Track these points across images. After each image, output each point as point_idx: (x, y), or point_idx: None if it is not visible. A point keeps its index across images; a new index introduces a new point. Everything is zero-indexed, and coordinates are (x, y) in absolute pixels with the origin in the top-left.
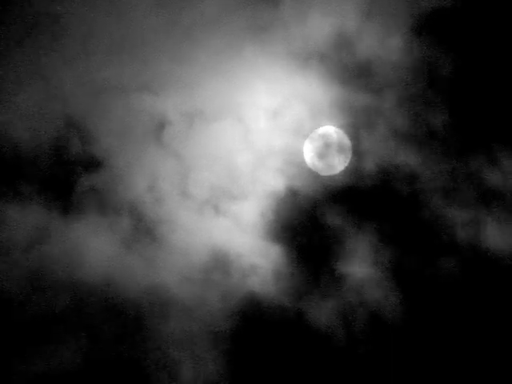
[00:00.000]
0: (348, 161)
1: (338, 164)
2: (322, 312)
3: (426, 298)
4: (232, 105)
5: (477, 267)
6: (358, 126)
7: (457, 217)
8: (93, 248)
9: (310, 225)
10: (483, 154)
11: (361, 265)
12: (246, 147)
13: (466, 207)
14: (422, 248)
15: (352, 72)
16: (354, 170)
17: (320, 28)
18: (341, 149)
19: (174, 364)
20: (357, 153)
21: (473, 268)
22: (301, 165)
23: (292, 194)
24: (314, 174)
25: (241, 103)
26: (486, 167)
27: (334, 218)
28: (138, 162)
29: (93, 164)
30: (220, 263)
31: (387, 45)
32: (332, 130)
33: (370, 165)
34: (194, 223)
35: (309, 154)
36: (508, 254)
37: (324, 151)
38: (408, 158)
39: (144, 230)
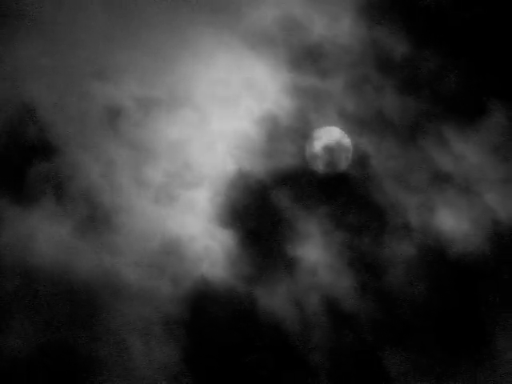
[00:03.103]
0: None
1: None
2: (275, 295)
3: (380, 280)
4: (187, 92)
5: (429, 250)
6: (310, 109)
7: (409, 200)
8: (45, 234)
9: (262, 209)
10: (434, 136)
11: (314, 248)
12: (200, 133)
13: (418, 190)
14: (375, 231)
15: (306, 57)
16: (304, 152)
17: (273, 13)
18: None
19: (126, 348)
20: (310, 137)
21: (425, 250)
22: (253, 150)
23: (245, 178)
24: (265, 159)
25: (196, 90)
26: (437, 150)
27: (286, 202)
28: (92, 148)
29: (46, 151)
30: (173, 248)
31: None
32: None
33: (321, 148)
34: (148, 209)
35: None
36: (460, 237)
37: (326, 150)
38: (359, 141)
39: (97, 216)
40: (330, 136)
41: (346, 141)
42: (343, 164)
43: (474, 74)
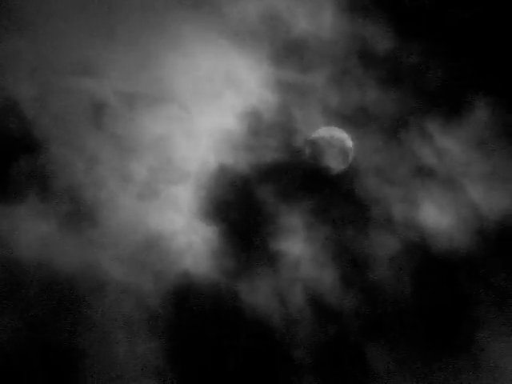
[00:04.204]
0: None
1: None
2: (258, 289)
3: (364, 275)
4: (170, 87)
5: (413, 244)
6: (293, 104)
7: (393, 194)
8: (29, 229)
9: (245, 203)
10: (418, 130)
11: (297, 242)
12: (183, 129)
13: (401, 185)
14: (359, 226)
15: (288, 52)
16: (287, 147)
17: (255, 9)
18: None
19: (108, 342)
20: (292, 130)
21: (409, 245)
22: (236, 144)
23: (227, 173)
24: (248, 153)
25: (179, 85)
26: (421, 145)
27: (269, 196)
28: (76, 144)
29: (30, 146)
30: (156, 243)
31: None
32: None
33: (303, 142)
34: (131, 204)
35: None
36: (443, 231)
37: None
38: (342, 135)
39: (81, 211)
40: (322, 133)
41: (348, 141)
42: (344, 163)
43: (458, 69)
